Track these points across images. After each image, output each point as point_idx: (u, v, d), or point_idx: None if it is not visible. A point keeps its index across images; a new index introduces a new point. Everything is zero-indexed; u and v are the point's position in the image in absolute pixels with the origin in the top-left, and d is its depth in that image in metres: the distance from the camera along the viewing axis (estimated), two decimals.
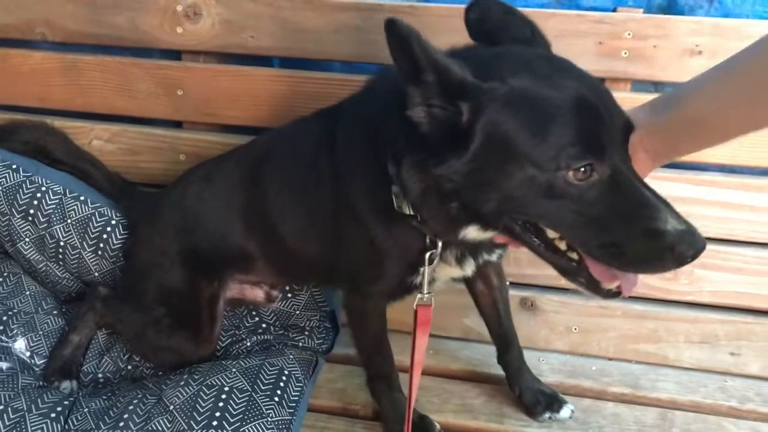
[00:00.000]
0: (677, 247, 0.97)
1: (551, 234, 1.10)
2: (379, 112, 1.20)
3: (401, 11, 1.72)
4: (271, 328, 1.83)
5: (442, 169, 1.07)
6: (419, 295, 1.32)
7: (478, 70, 1.05)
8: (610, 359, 1.84)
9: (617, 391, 1.72)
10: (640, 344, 1.82)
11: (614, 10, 1.71)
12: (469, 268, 1.39)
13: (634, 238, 1.00)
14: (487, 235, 1.20)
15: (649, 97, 1.69)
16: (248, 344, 1.76)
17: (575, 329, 1.84)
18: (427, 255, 1.27)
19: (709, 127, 1.08)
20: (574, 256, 1.10)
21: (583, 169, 1.00)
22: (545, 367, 1.79)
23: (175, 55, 1.97)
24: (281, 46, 1.85)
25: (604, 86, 1.11)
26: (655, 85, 1.74)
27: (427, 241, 1.26)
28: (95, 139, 2.01)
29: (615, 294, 1.10)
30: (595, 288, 1.10)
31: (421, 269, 1.30)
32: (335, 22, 1.78)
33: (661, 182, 1.68)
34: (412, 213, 1.20)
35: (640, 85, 1.74)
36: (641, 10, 1.70)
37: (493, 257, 1.43)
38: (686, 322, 1.79)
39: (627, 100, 1.67)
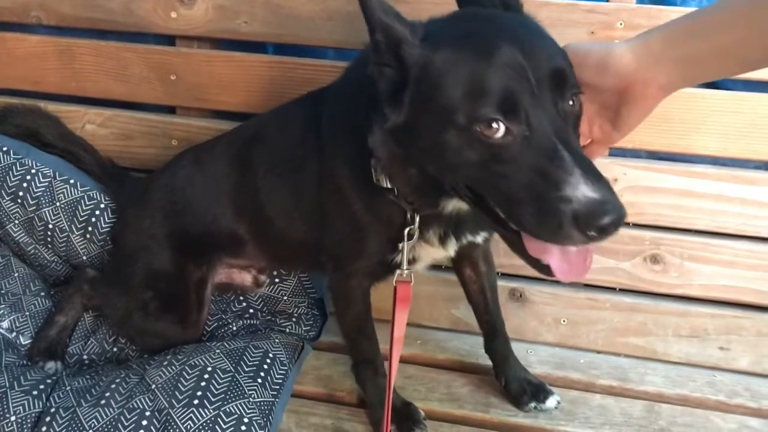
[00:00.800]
0: (581, 217, 0.90)
1: None
2: (361, 86, 1.20)
3: None
4: (258, 313, 1.83)
5: (388, 125, 1.09)
6: (398, 271, 1.31)
7: (427, 32, 1.08)
8: (598, 352, 1.83)
9: (605, 384, 1.70)
10: (629, 337, 1.81)
11: (607, 1, 1.71)
12: (452, 249, 1.38)
13: (539, 203, 0.94)
14: (457, 204, 1.20)
15: None
16: (234, 328, 1.76)
17: (564, 321, 1.83)
18: (406, 230, 1.27)
19: (740, 55, 0.98)
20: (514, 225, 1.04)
21: (495, 125, 0.97)
22: (533, 359, 1.78)
23: (169, 40, 1.97)
24: (274, 32, 1.85)
25: (545, 46, 1.05)
26: None
27: (408, 216, 1.26)
28: (88, 123, 2.01)
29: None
30: (532, 261, 1.04)
31: (401, 245, 1.29)
32: (328, 8, 1.78)
33: (652, 173, 1.71)
34: (389, 186, 1.21)
35: None
36: (633, 0, 1.70)
37: (478, 239, 1.42)
38: (675, 316, 1.78)
39: None
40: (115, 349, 1.73)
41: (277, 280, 1.85)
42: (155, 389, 1.44)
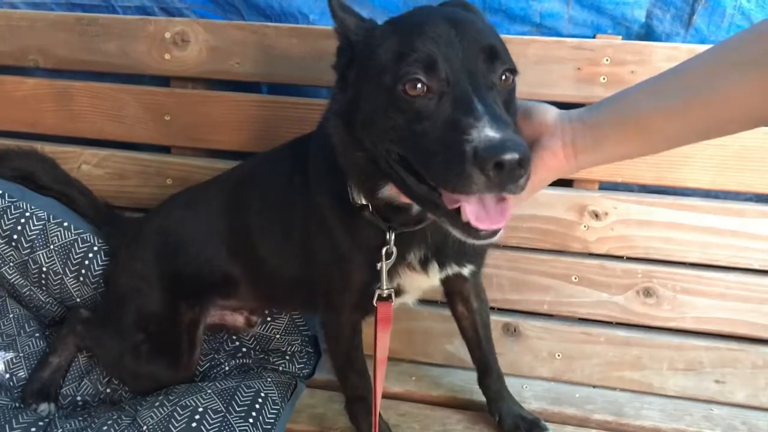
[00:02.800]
0: (479, 152, 0.91)
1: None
2: None
3: None
4: (251, 352, 1.83)
5: (337, 107, 1.20)
6: (378, 292, 1.31)
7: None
8: (594, 386, 1.82)
9: (600, 419, 1.69)
10: (624, 371, 1.80)
11: (593, 38, 1.73)
12: (435, 276, 1.39)
13: (449, 150, 0.97)
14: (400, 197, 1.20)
15: None
16: (227, 368, 1.76)
17: (558, 356, 1.82)
18: (384, 249, 1.29)
19: (639, 130, 1.03)
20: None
21: (418, 85, 1.02)
22: (528, 394, 1.77)
23: (163, 81, 2.00)
24: (266, 72, 1.88)
25: (480, 27, 1.09)
26: None
27: (386, 237, 1.28)
28: (84, 164, 2.03)
29: (477, 232, 1.01)
30: (454, 223, 1.04)
31: (379, 265, 1.30)
32: (319, 48, 1.81)
33: (643, 206, 1.72)
34: (364, 203, 1.25)
35: None
36: (620, 37, 1.72)
37: (465, 272, 1.44)
38: (670, 349, 1.77)
39: None
40: (108, 390, 1.73)
41: (269, 318, 1.84)
42: (146, 431, 1.43)
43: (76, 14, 2.00)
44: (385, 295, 1.32)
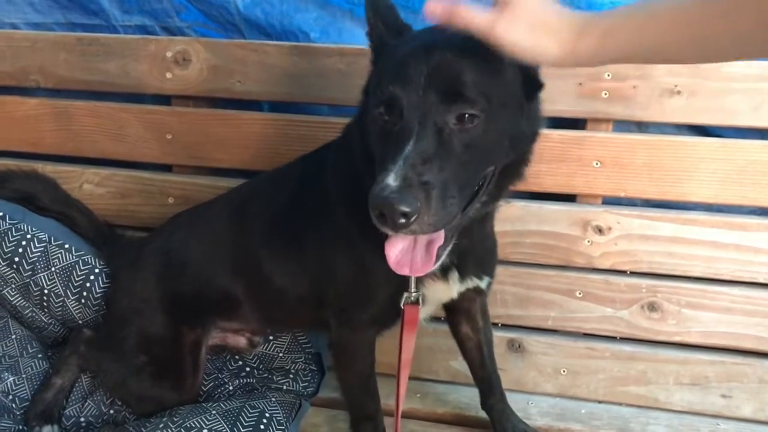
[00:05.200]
0: (369, 198, 0.99)
1: None
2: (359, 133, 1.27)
3: None
4: (255, 371, 1.82)
5: (358, 113, 1.27)
6: (406, 294, 1.30)
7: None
8: (599, 402, 1.81)
9: None
10: (629, 386, 1.79)
11: None
12: (455, 286, 1.39)
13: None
14: None
15: (630, 136, 1.71)
16: (230, 388, 1.75)
17: (564, 371, 1.82)
18: None
19: (642, 24, 0.98)
20: None
21: (385, 116, 1.10)
22: (534, 411, 1.76)
23: (165, 100, 2.00)
24: (268, 90, 1.88)
25: (456, 65, 1.08)
26: (637, 125, 1.75)
27: None
28: (86, 183, 2.03)
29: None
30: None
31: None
32: (320, 66, 1.81)
33: (646, 221, 1.72)
34: None
35: (621, 125, 1.74)
36: None
37: (482, 284, 1.44)
38: (675, 364, 1.77)
39: (609, 140, 1.69)
40: (112, 411, 1.72)
41: (271, 337, 1.84)
42: None
43: (76, 34, 2.00)
44: (413, 299, 1.31)
